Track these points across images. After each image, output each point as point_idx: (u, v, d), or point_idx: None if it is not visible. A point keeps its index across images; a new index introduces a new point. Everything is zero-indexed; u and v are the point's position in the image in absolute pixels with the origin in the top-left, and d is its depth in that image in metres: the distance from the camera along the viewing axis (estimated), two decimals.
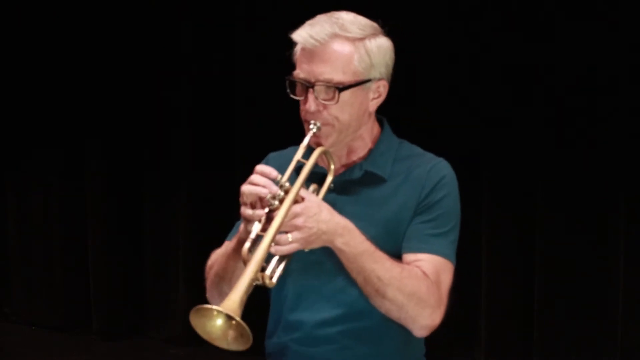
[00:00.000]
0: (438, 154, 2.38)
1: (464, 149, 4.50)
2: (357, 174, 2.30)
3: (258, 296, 2.30)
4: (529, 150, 4.51)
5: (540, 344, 4.52)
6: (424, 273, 2.20)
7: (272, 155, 2.45)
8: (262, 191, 2.09)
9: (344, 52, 2.19)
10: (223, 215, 4.77)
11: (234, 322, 1.97)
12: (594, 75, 4.35)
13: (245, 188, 2.11)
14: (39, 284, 5.76)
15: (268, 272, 2.08)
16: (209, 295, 2.34)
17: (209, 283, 2.34)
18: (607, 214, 4.39)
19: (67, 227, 5.67)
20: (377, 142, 2.33)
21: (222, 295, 2.25)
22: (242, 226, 2.16)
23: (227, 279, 2.24)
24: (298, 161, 2.19)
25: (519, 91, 4.49)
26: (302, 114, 2.24)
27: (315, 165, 2.25)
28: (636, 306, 4.36)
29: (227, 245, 2.28)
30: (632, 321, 4.37)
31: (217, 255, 2.33)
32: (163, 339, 5.45)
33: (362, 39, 2.21)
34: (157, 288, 5.50)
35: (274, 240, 2.05)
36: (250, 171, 2.17)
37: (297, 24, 2.26)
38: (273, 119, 4.85)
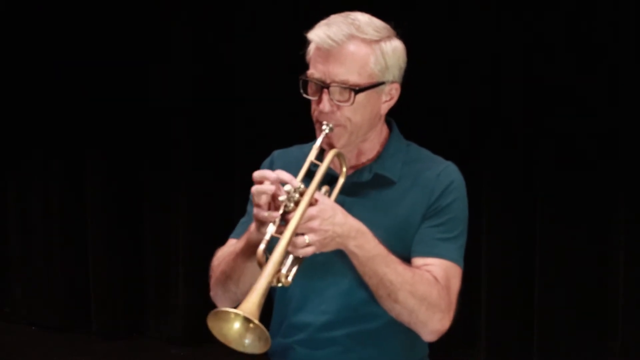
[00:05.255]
0: (436, 153, 2.37)
1: (464, 148, 4.50)
2: (366, 176, 2.27)
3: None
4: (529, 150, 4.51)
5: (540, 344, 4.52)
6: (435, 278, 2.19)
7: (277, 153, 2.42)
8: (280, 196, 2.05)
9: (360, 53, 2.16)
10: (223, 215, 4.80)
11: (251, 325, 1.95)
12: (594, 74, 4.35)
13: (260, 188, 2.07)
14: (39, 284, 5.75)
15: (284, 271, 2.05)
16: (212, 293, 2.32)
17: (213, 281, 2.31)
18: (607, 214, 4.40)
19: (67, 227, 5.66)
20: (386, 145, 2.30)
21: (226, 293, 2.26)
22: (252, 226, 2.13)
23: (234, 278, 2.22)
24: (311, 162, 2.16)
25: (519, 91, 4.49)
26: (315, 114, 2.21)
27: None
28: (636, 306, 4.36)
29: (234, 244, 2.26)
30: (632, 321, 4.37)
31: (224, 254, 2.30)
32: (163, 339, 5.45)
33: (378, 41, 2.19)
34: (157, 288, 5.50)
35: (290, 243, 2.03)
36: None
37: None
38: (272, 119, 4.86)
